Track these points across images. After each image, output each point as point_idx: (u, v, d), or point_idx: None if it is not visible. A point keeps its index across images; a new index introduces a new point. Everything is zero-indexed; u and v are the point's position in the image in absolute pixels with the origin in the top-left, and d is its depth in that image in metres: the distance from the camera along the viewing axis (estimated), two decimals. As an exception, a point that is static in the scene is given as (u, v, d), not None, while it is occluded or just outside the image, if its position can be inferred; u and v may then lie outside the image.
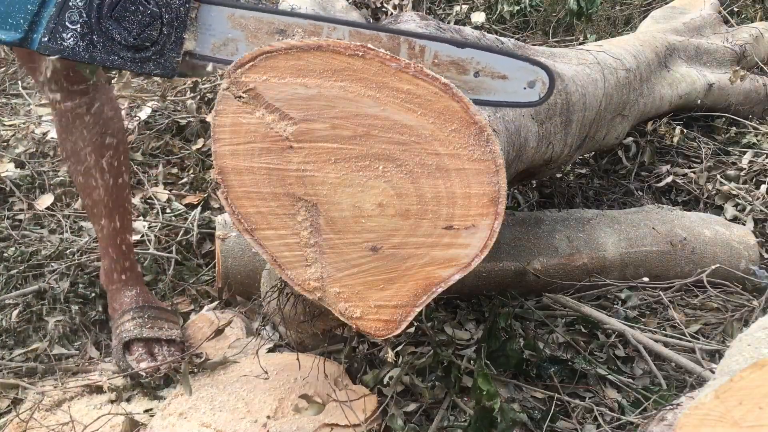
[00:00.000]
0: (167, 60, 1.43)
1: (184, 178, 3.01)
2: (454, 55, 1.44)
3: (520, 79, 1.49)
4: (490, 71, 1.46)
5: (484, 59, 1.46)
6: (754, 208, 2.88)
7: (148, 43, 1.41)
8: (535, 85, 1.49)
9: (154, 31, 1.40)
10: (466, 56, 1.45)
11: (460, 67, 1.42)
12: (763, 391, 1.08)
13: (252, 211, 1.37)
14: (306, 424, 1.68)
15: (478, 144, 1.33)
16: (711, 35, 3.75)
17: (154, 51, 1.42)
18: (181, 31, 1.41)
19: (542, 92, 1.50)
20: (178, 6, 1.40)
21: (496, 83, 1.47)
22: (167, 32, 1.41)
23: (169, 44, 1.42)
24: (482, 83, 1.44)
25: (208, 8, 1.44)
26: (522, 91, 1.49)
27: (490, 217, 1.35)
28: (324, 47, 1.31)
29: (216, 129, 1.35)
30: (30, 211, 2.72)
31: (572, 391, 1.95)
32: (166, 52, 1.42)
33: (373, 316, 1.41)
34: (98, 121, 1.94)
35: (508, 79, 1.48)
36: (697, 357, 2.02)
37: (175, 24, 1.41)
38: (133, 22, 1.40)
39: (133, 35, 1.40)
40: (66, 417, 1.77)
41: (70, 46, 1.41)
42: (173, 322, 2.09)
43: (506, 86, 1.48)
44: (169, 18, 1.40)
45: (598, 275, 2.37)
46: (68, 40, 1.41)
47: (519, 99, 1.50)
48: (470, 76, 1.44)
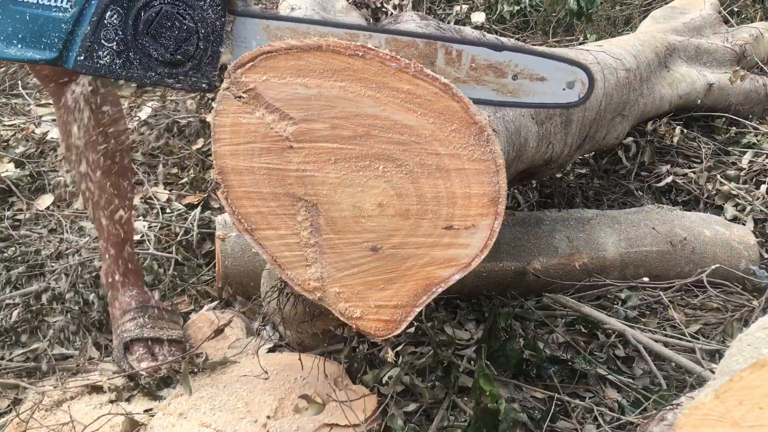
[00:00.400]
0: (204, 74, 1.42)
1: (184, 178, 3.01)
2: (491, 59, 1.43)
3: (559, 80, 1.48)
4: (528, 73, 1.46)
5: (522, 61, 1.45)
6: (754, 208, 2.88)
7: (185, 58, 1.40)
8: (574, 85, 1.48)
9: (190, 46, 1.40)
10: (504, 59, 1.44)
11: (498, 71, 1.41)
12: (763, 391, 1.08)
13: (252, 211, 1.37)
14: (306, 424, 1.68)
15: (478, 144, 1.33)
16: (711, 35, 3.75)
17: (191, 66, 1.41)
18: (217, 45, 1.41)
19: (582, 92, 1.49)
20: (214, 20, 1.40)
21: (535, 85, 1.46)
22: (204, 47, 1.40)
23: (206, 58, 1.41)
24: (521, 86, 1.43)
25: (243, 21, 1.44)
26: (561, 92, 1.49)
27: (490, 217, 1.35)
28: (324, 47, 1.31)
29: (216, 129, 1.35)
30: (30, 211, 2.72)
31: (572, 391, 1.95)
32: (203, 66, 1.41)
33: (373, 316, 1.41)
34: (102, 120, 1.94)
35: (547, 81, 1.47)
36: (697, 357, 2.02)
37: (212, 38, 1.40)
38: (169, 38, 1.39)
39: (170, 51, 1.40)
40: (66, 417, 1.77)
41: (106, 64, 1.40)
42: (174, 322, 2.09)
43: (545, 88, 1.47)
44: (205, 32, 1.40)
45: (598, 275, 2.37)
46: (104, 58, 1.40)
47: (559, 100, 1.49)
48: (509, 79, 1.44)
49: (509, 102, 1.49)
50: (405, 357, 1.91)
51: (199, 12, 1.39)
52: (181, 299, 2.36)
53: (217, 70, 1.42)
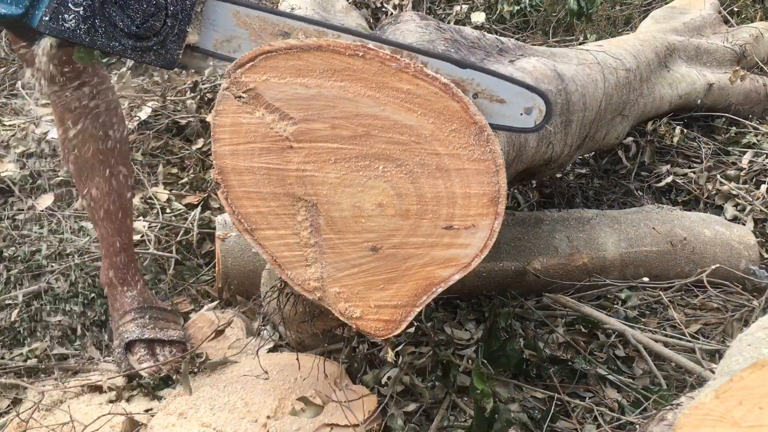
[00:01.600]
0: (168, 51, 1.42)
1: (184, 178, 3.01)
2: (455, 75, 1.44)
3: (517, 105, 1.49)
4: (488, 94, 1.46)
5: (484, 81, 1.46)
6: (754, 208, 2.88)
7: (150, 33, 1.40)
8: (531, 111, 1.49)
9: (157, 22, 1.39)
10: (467, 77, 1.45)
11: (460, 87, 1.41)
12: (763, 391, 1.08)
13: (252, 211, 1.37)
14: (306, 424, 1.68)
15: (478, 144, 1.33)
16: (711, 35, 3.75)
17: (156, 41, 1.41)
18: (185, 24, 1.41)
19: (538, 119, 1.50)
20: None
21: (494, 106, 1.47)
22: (171, 24, 1.40)
23: (172, 36, 1.41)
24: (480, 105, 1.44)
25: (214, 4, 1.44)
26: (518, 116, 1.49)
27: (490, 217, 1.35)
28: (324, 47, 1.31)
29: (216, 129, 1.35)
30: (30, 211, 2.72)
31: (572, 391, 1.95)
32: (167, 43, 1.41)
33: (373, 316, 1.41)
34: (99, 118, 1.94)
35: (506, 104, 1.48)
36: (697, 357, 2.02)
37: (180, 16, 1.40)
38: (137, 11, 1.39)
39: (136, 23, 1.39)
40: (66, 417, 1.77)
41: (71, 28, 1.39)
42: (174, 323, 2.09)
43: (503, 110, 1.48)
44: (174, 10, 1.39)
45: (598, 275, 2.37)
46: (69, 22, 1.39)
47: (514, 124, 1.50)
48: (469, 96, 1.45)
49: None
50: (405, 357, 1.91)
51: None
52: (181, 299, 2.36)
53: (182, 49, 1.42)
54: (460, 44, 2.01)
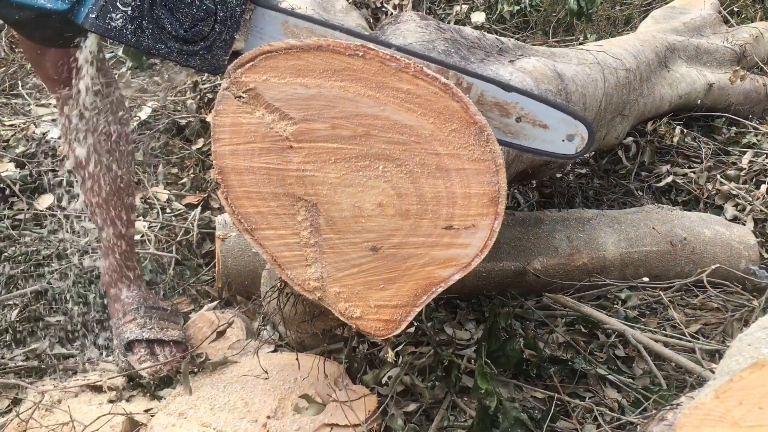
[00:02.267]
0: (214, 57, 1.40)
1: (184, 178, 3.01)
2: (499, 98, 1.43)
3: (560, 131, 1.48)
4: (532, 119, 1.46)
5: (528, 106, 1.45)
6: (754, 208, 2.88)
7: (198, 37, 1.38)
8: (573, 138, 1.48)
9: (206, 27, 1.38)
10: (511, 100, 1.44)
11: (504, 110, 1.41)
12: (763, 391, 1.08)
13: (252, 211, 1.37)
14: (306, 424, 1.68)
15: (478, 144, 1.33)
16: (711, 35, 3.75)
17: (203, 46, 1.39)
18: (233, 31, 1.39)
19: (580, 147, 1.49)
20: (235, 6, 1.38)
21: (536, 131, 1.47)
22: (219, 30, 1.39)
23: (219, 42, 1.40)
24: (523, 129, 1.43)
25: (263, 12, 1.43)
26: (560, 143, 1.49)
27: (490, 217, 1.35)
28: (324, 47, 1.31)
29: (216, 129, 1.35)
30: (30, 211, 2.72)
31: (572, 391, 1.95)
32: (214, 49, 1.40)
33: (373, 316, 1.41)
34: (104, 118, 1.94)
35: (549, 129, 1.47)
36: (697, 357, 2.02)
37: (229, 23, 1.39)
38: (186, 15, 1.37)
39: (184, 27, 1.37)
40: (66, 417, 1.77)
41: (117, 27, 1.37)
42: (175, 323, 2.09)
43: (545, 135, 1.47)
44: (224, 16, 1.38)
45: (598, 275, 2.37)
46: (116, 21, 1.37)
47: (556, 150, 1.49)
48: (512, 119, 1.44)
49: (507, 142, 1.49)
50: (405, 357, 1.91)
51: None
52: (181, 299, 2.36)
53: (228, 55, 1.41)
54: (460, 44, 2.01)
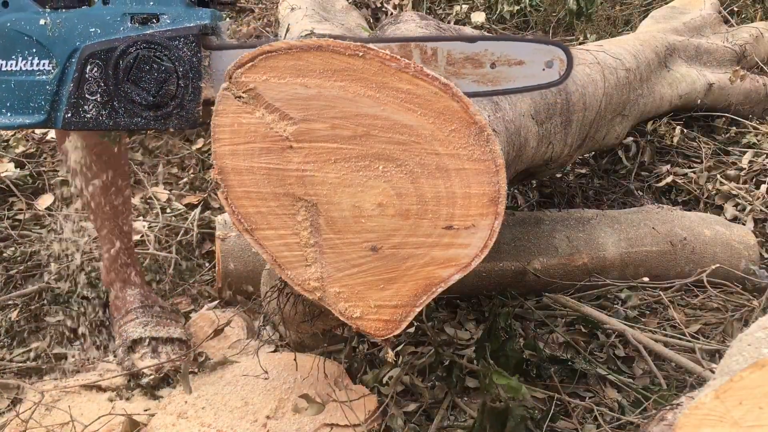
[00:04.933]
0: (188, 111, 1.44)
1: (184, 178, 3.01)
2: (467, 51, 1.44)
3: (537, 62, 1.48)
4: (506, 59, 1.46)
5: (498, 49, 1.45)
6: (754, 208, 2.88)
7: (167, 98, 1.43)
8: (553, 64, 1.48)
9: (171, 86, 1.42)
10: (479, 49, 1.45)
11: (476, 62, 1.42)
12: (763, 391, 1.08)
13: (252, 211, 1.37)
14: (306, 424, 1.68)
15: (478, 144, 1.33)
16: (711, 35, 3.75)
17: (174, 105, 1.44)
18: (197, 81, 1.43)
19: (561, 70, 1.49)
20: (190, 57, 1.42)
21: (514, 70, 1.47)
22: (184, 84, 1.43)
23: (188, 96, 1.43)
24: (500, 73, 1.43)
25: (219, 54, 1.46)
26: (541, 72, 1.49)
27: (490, 217, 1.35)
28: (324, 47, 1.31)
29: (216, 129, 1.35)
30: (30, 211, 2.72)
31: (572, 391, 1.95)
32: (186, 103, 1.44)
33: (373, 316, 1.40)
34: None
35: (525, 64, 1.47)
36: (697, 357, 2.02)
37: (190, 75, 1.43)
38: (150, 81, 1.42)
39: (152, 94, 1.42)
40: (66, 417, 1.77)
41: (93, 117, 1.43)
42: (176, 321, 2.09)
43: (525, 71, 1.48)
44: (184, 70, 1.42)
45: (598, 275, 2.37)
46: (90, 112, 1.43)
47: (540, 81, 1.50)
48: (487, 68, 1.44)
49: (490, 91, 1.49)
50: (405, 357, 1.91)
51: (175, 51, 1.42)
52: (181, 299, 2.36)
53: (200, 105, 1.45)
54: (460, 44, 2.01)
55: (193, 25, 1.42)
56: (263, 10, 4.48)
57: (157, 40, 1.41)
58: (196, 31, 1.42)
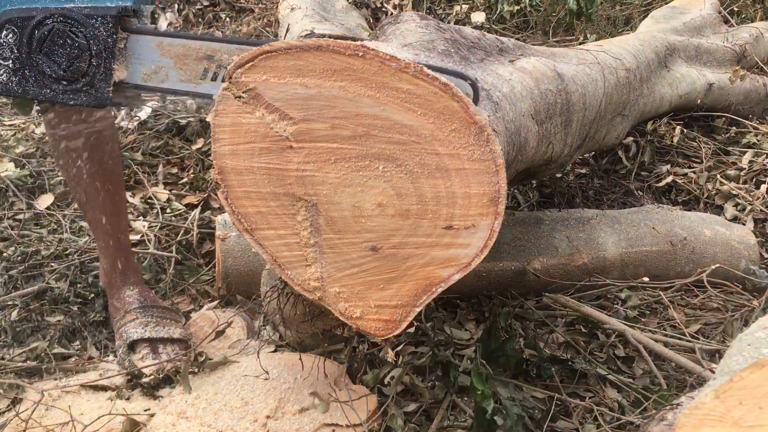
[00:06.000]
0: (98, 90, 1.45)
1: (184, 178, 3.01)
2: None
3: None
4: None
5: None
6: (754, 208, 2.88)
7: (77, 74, 1.43)
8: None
9: (83, 63, 1.43)
10: None
11: None
12: (763, 391, 1.08)
13: (252, 211, 1.37)
14: (306, 424, 1.68)
15: (478, 144, 1.33)
16: (711, 35, 3.75)
17: (85, 82, 1.44)
18: (110, 61, 1.44)
19: None
20: (106, 37, 1.43)
21: None
22: (96, 63, 1.43)
23: (99, 75, 1.44)
24: None
25: (136, 38, 1.47)
26: None
27: (490, 217, 1.35)
28: (324, 47, 1.31)
29: (216, 129, 1.35)
30: (30, 211, 2.72)
31: (572, 391, 1.95)
32: (96, 82, 1.45)
33: (373, 316, 1.41)
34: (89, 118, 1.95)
35: None
36: (697, 357, 2.02)
37: (104, 55, 1.43)
38: (62, 55, 1.43)
39: (62, 68, 1.43)
40: (66, 416, 1.77)
41: (3, 82, 1.45)
42: (176, 321, 2.09)
43: None
44: (98, 49, 1.43)
45: (598, 275, 2.37)
46: (1, 77, 1.45)
47: None
48: None
49: None
50: (405, 357, 1.91)
51: (91, 29, 1.42)
52: (181, 299, 2.36)
53: (111, 86, 1.46)
54: (460, 44, 2.01)
55: (112, 6, 1.43)
56: (263, 10, 4.48)
57: (74, 15, 1.41)
58: (114, 12, 1.42)
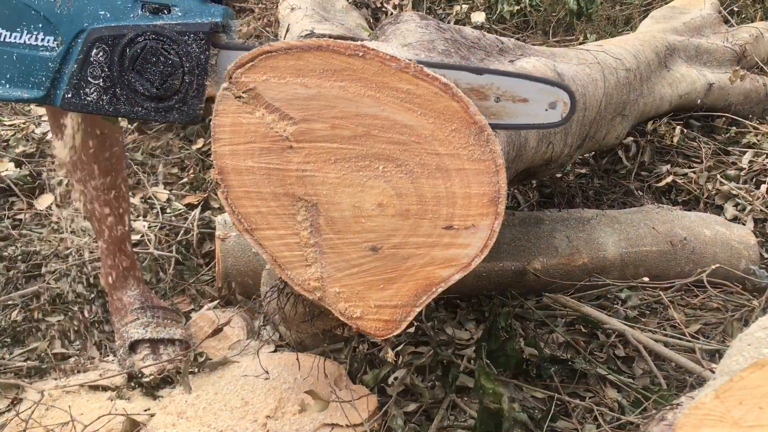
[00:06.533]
0: (190, 107, 1.44)
1: (184, 178, 3.01)
2: (473, 83, 1.44)
3: (541, 101, 1.49)
4: (510, 95, 1.47)
5: (504, 84, 1.46)
6: (754, 208, 2.88)
7: (170, 92, 1.42)
8: (556, 105, 1.50)
9: (176, 81, 1.41)
10: (486, 83, 1.45)
11: (480, 93, 1.42)
12: (763, 391, 1.08)
13: (252, 211, 1.37)
14: (306, 424, 1.68)
15: (478, 144, 1.33)
16: (711, 35, 3.75)
17: (177, 99, 1.43)
18: (202, 78, 1.42)
19: (564, 112, 1.50)
20: (198, 54, 1.41)
21: (518, 107, 1.48)
22: (189, 80, 1.42)
23: (192, 92, 1.43)
24: (503, 108, 1.44)
25: (227, 54, 1.45)
26: (543, 113, 1.50)
27: (490, 217, 1.35)
28: (324, 47, 1.31)
29: (216, 129, 1.35)
30: (30, 211, 2.72)
31: (572, 391, 1.95)
32: (188, 99, 1.43)
33: (373, 316, 1.41)
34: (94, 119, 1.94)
35: (529, 102, 1.49)
36: (697, 357, 2.02)
37: (197, 72, 1.42)
38: (155, 73, 1.41)
39: (155, 86, 1.41)
40: (66, 416, 1.77)
41: (93, 101, 1.43)
42: (177, 321, 2.09)
43: (528, 109, 1.49)
44: (190, 66, 1.41)
45: (598, 275, 2.37)
46: (91, 95, 1.42)
47: (541, 121, 1.51)
48: (491, 101, 1.45)
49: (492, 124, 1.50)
50: (405, 357, 1.91)
51: (184, 46, 1.40)
52: (181, 299, 2.36)
53: (203, 102, 1.44)
54: (460, 44, 2.01)
55: (204, 22, 1.41)
56: (263, 10, 4.47)
57: (167, 32, 1.40)
58: (206, 28, 1.41)
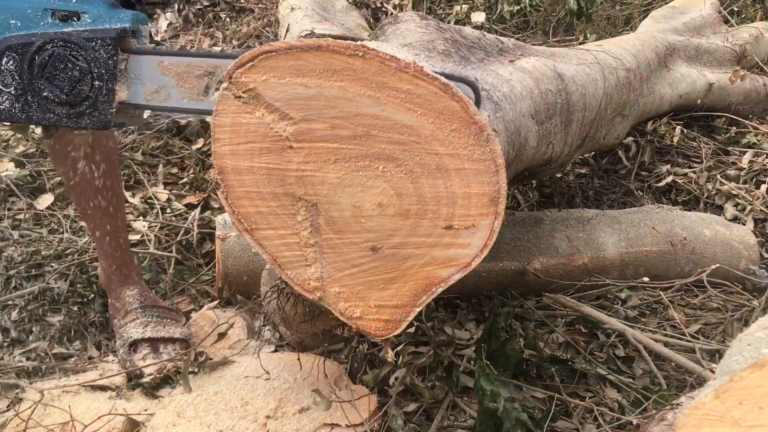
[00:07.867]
0: (101, 113, 1.46)
1: (184, 178, 3.01)
2: None
3: None
4: None
5: None
6: (754, 208, 2.88)
7: (80, 98, 1.44)
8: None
9: (85, 86, 1.44)
10: None
11: None
12: (763, 391, 1.08)
13: (252, 211, 1.37)
14: (306, 424, 1.68)
15: (478, 144, 1.33)
16: (711, 35, 3.75)
17: (88, 105, 1.45)
18: (111, 83, 1.44)
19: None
20: (106, 59, 1.43)
21: None
22: (98, 85, 1.44)
23: (102, 97, 1.45)
24: None
25: (136, 59, 1.47)
26: None
27: (490, 217, 1.35)
28: (324, 47, 1.31)
29: (216, 129, 1.35)
30: (30, 211, 2.72)
31: (572, 391, 1.95)
32: (99, 104, 1.45)
33: (373, 316, 1.41)
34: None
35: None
36: (697, 357, 2.02)
37: (105, 77, 1.44)
38: (63, 80, 1.43)
39: (65, 92, 1.44)
40: (66, 416, 1.77)
41: (6, 109, 1.45)
42: (177, 321, 2.09)
43: None
44: (99, 72, 1.43)
45: (598, 275, 2.37)
46: (4, 103, 1.45)
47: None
48: None
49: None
50: (405, 357, 1.91)
51: (91, 52, 1.42)
52: (181, 299, 2.36)
53: (113, 108, 1.46)
54: (460, 44, 2.01)
55: (112, 28, 1.44)
56: (263, 10, 4.47)
57: (74, 39, 1.42)
58: (114, 34, 1.43)
